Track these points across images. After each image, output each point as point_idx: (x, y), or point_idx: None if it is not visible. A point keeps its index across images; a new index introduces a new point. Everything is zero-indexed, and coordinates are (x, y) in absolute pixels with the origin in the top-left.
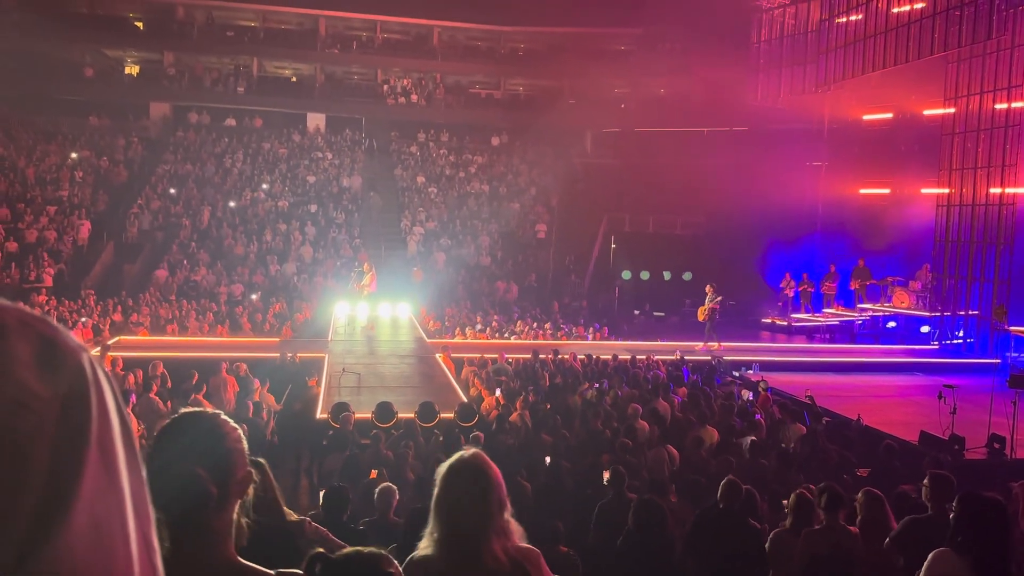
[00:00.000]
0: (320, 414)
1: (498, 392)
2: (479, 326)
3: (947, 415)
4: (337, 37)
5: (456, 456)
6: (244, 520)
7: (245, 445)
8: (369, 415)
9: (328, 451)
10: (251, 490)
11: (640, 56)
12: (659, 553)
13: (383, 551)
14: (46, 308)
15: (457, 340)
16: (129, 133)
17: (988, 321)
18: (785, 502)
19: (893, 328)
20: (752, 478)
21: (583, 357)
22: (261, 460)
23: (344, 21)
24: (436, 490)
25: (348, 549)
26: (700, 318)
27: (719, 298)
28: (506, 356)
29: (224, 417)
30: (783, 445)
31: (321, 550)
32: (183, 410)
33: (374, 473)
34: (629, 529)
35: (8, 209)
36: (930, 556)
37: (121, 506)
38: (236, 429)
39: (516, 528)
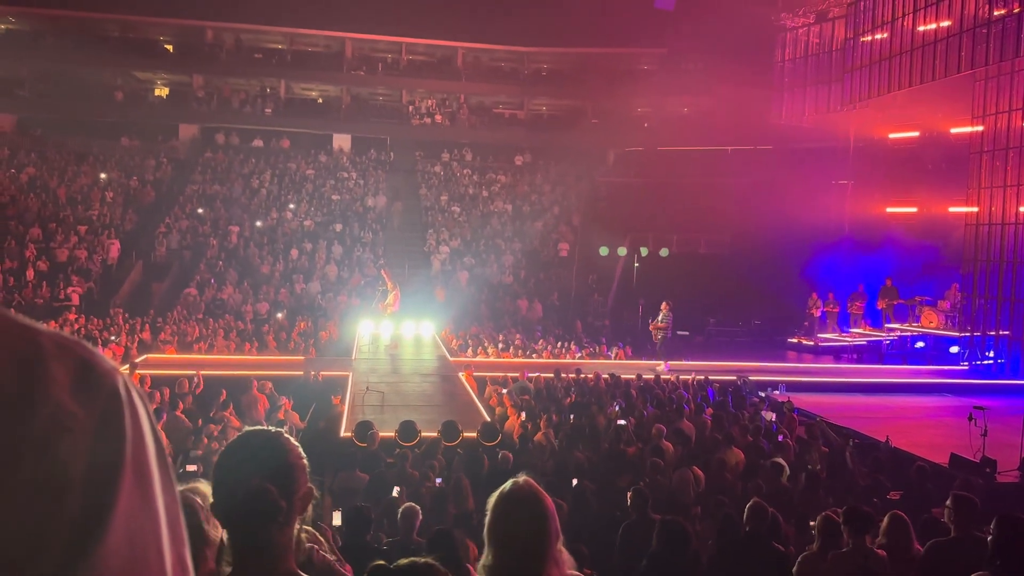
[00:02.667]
0: (344, 432)
1: (523, 415)
2: (501, 345)
3: (978, 437)
4: (363, 59)
5: (511, 484)
6: (304, 535)
7: (306, 461)
8: (392, 434)
9: (341, 469)
10: (310, 508)
11: (663, 76)
12: (683, 575)
13: (433, 561)
14: (75, 326)
15: (479, 359)
16: (159, 154)
17: (1019, 341)
18: (812, 523)
19: (921, 348)
20: (778, 501)
21: (607, 376)
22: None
23: (370, 43)
24: (490, 518)
25: (404, 561)
26: (655, 338)
27: (670, 316)
28: (528, 374)
29: (287, 435)
30: (809, 467)
31: (381, 562)
32: (247, 428)
33: (397, 490)
34: (653, 550)
35: (40, 229)
36: None
37: (156, 525)
38: (298, 446)
39: (568, 559)
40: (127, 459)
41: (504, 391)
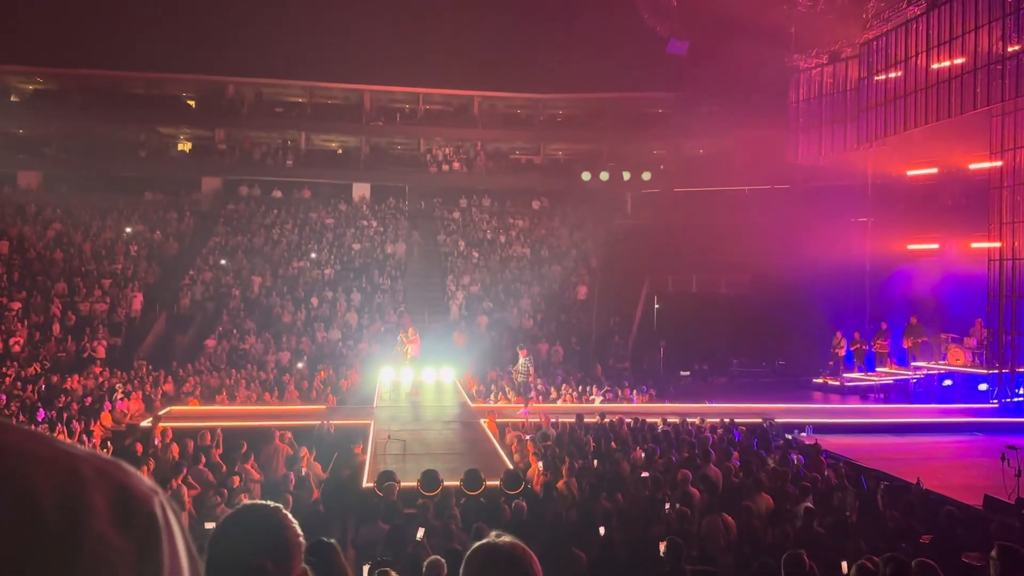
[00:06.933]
0: (366, 483)
1: (540, 464)
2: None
3: (1011, 478)
4: (381, 110)
5: (488, 544)
6: None
7: (303, 539)
8: (415, 483)
9: (366, 521)
10: None
11: (678, 118)
12: None
13: None
14: (100, 379)
15: (500, 404)
16: (181, 207)
17: None
18: (844, 572)
19: (949, 386)
20: (808, 547)
21: (630, 421)
22: (332, 541)
23: (388, 94)
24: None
25: None
26: (520, 379)
27: (530, 361)
28: (551, 421)
29: (285, 511)
30: (847, 513)
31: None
32: (246, 501)
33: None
34: None
35: (65, 283)
36: None
37: None
38: (295, 524)
39: None
40: None
41: (527, 438)
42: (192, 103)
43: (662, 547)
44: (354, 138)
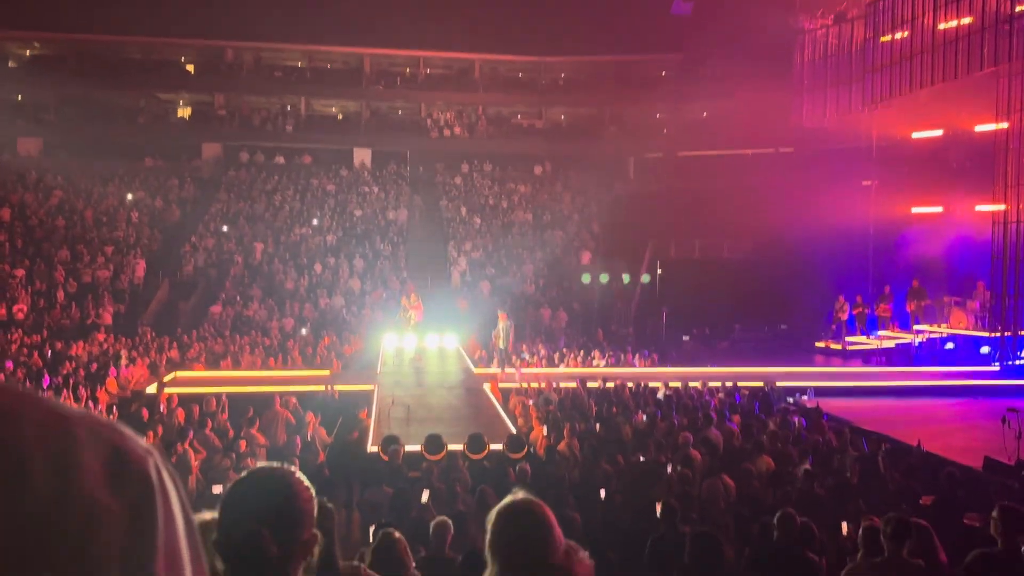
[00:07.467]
0: (371, 446)
1: (544, 428)
2: (525, 355)
3: (1012, 440)
4: (381, 74)
5: (509, 499)
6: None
7: (315, 506)
8: (419, 447)
9: (371, 484)
10: (316, 550)
11: (681, 81)
12: None
13: None
14: (104, 346)
15: (507, 370)
16: (182, 173)
17: None
18: (844, 531)
19: (951, 350)
20: (809, 508)
21: (632, 385)
22: (330, 505)
23: (388, 58)
24: (491, 534)
25: None
26: (502, 345)
27: (510, 326)
28: (553, 385)
29: (299, 475)
30: (847, 474)
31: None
32: (259, 464)
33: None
34: (684, 563)
35: (68, 250)
36: None
37: None
38: (308, 489)
39: (584, 557)
40: (159, 548)
41: (530, 402)
42: (191, 68)
43: (659, 508)
44: (354, 103)
